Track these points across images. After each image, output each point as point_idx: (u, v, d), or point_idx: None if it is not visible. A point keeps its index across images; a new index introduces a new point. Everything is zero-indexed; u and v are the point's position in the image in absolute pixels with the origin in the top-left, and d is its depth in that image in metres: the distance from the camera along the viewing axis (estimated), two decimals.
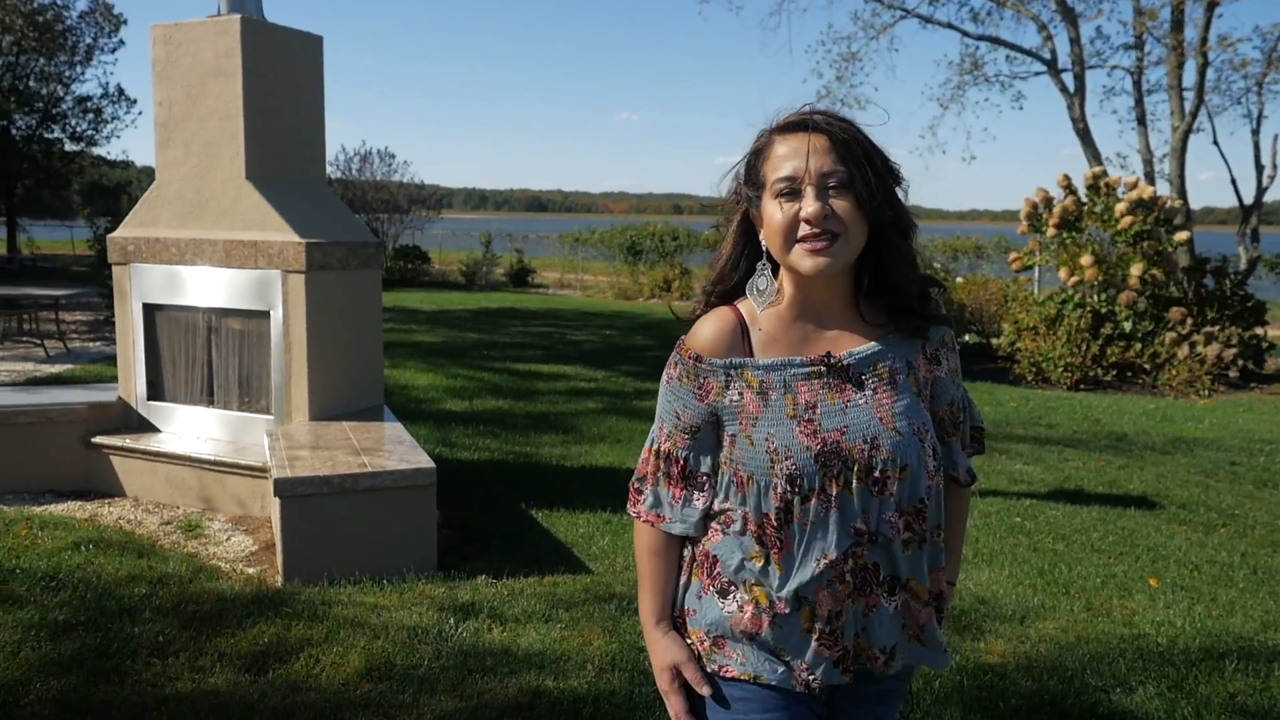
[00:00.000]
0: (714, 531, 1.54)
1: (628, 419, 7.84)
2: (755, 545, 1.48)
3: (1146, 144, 13.43)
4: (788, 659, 1.49)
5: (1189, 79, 12.88)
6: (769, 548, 1.46)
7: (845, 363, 1.46)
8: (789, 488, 1.42)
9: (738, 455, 1.48)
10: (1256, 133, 14.09)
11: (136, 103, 28.46)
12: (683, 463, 1.54)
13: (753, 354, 1.49)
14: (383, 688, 3.18)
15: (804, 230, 1.40)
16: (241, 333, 5.27)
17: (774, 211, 1.42)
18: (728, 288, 1.55)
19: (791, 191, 1.41)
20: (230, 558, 4.51)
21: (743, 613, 1.50)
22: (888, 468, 1.43)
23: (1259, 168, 13.92)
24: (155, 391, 5.54)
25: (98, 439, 5.39)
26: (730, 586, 1.52)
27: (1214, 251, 12.42)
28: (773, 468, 1.43)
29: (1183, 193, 12.56)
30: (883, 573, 1.48)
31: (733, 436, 1.49)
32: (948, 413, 1.57)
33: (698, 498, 1.54)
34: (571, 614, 3.83)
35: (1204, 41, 12.43)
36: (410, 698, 3.12)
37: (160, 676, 3.23)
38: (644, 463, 1.60)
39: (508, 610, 3.85)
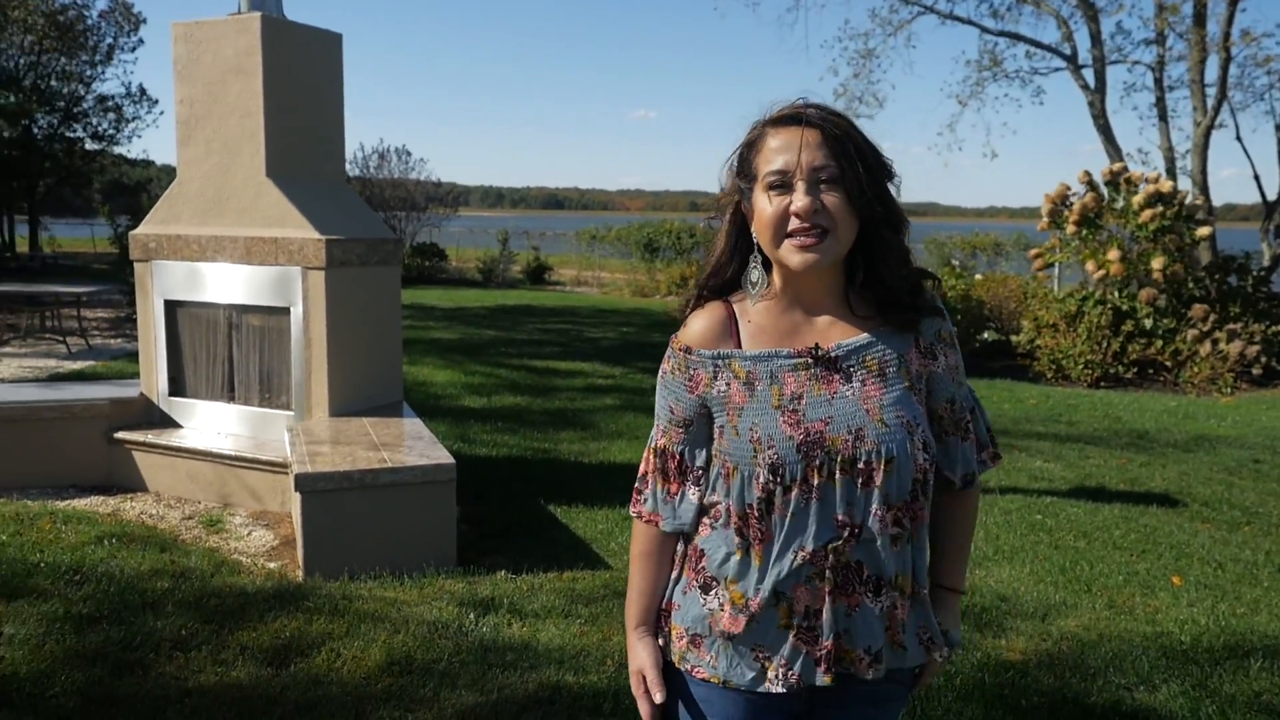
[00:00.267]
0: (704, 526, 1.54)
1: (645, 415, 7.84)
2: (737, 538, 1.47)
3: (1168, 140, 13.31)
4: (766, 657, 1.48)
5: (1211, 74, 12.75)
6: (750, 540, 1.46)
7: (833, 354, 1.46)
8: (771, 477, 1.42)
9: (725, 446, 1.48)
10: None
11: (158, 103, 28.69)
12: (678, 457, 1.54)
13: (741, 346, 1.49)
14: (403, 682, 3.19)
15: (794, 225, 1.40)
16: (262, 329, 5.30)
17: (764, 205, 1.42)
18: (721, 281, 1.54)
19: (782, 185, 1.41)
20: (251, 552, 4.54)
21: (722, 611, 1.50)
22: (872, 459, 1.41)
23: None
24: (176, 387, 5.58)
25: (120, 434, 5.44)
26: (713, 582, 1.52)
27: (1236, 248, 12.29)
28: (756, 457, 1.43)
29: (1205, 189, 12.44)
30: (867, 571, 1.45)
31: (721, 428, 1.49)
32: (947, 410, 1.53)
33: (693, 492, 1.54)
34: (591, 610, 3.83)
35: (1226, 36, 12.29)
36: (431, 692, 3.13)
37: (183, 670, 3.25)
38: (645, 462, 1.61)
39: (527, 606, 3.86)
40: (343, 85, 5.48)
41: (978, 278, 13.53)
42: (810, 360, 1.46)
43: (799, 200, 1.39)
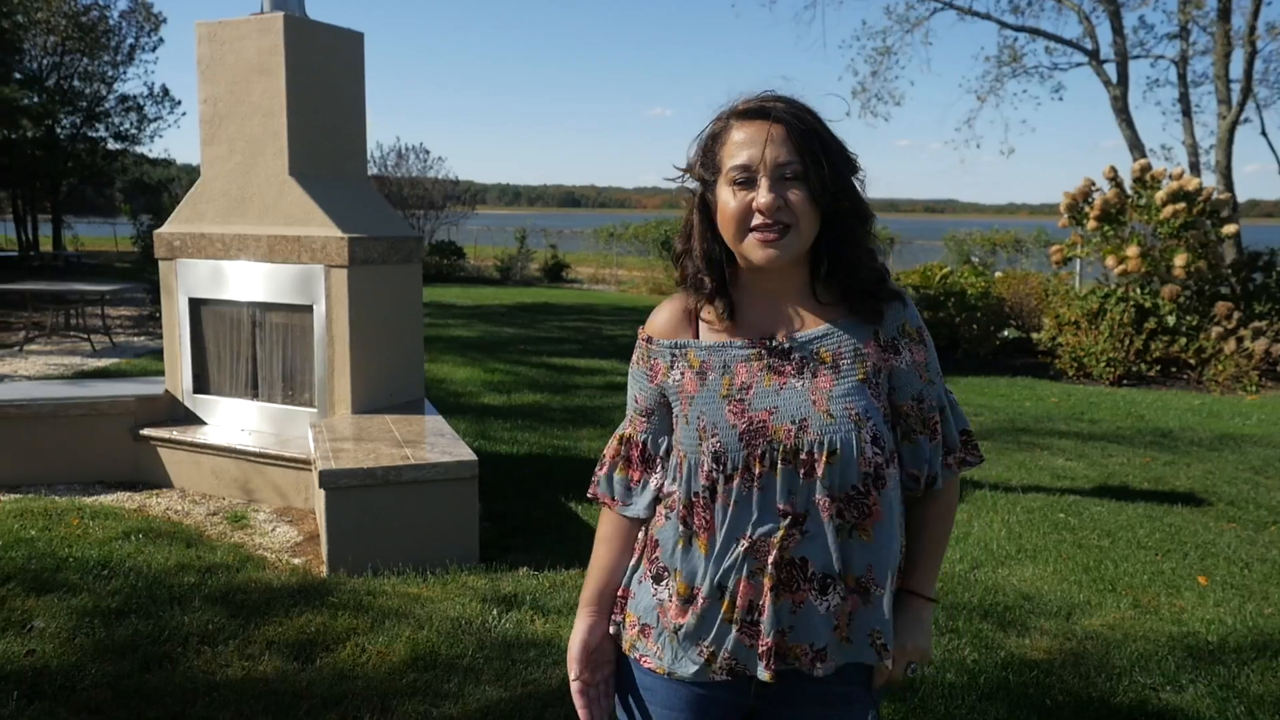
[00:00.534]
0: (659, 515, 1.56)
1: None
2: (682, 526, 1.48)
3: (1192, 135, 13.18)
4: (711, 651, 1.48)
5: (1236, 69, 12.61)
6: (695, 529, 1.47)
7: (786, 346, 1.46)
8: (714, 465, 1.43)
9: (678, 435, 1.51)
10: None
11: (180, 103, 28.91)
12: (641, 446, 1.57)
13: (699, 336, 1.52)
14: (428, 677, 3.21)
15: (757, 220, 1.41)
16: (285, 327, 5.34)
17: (728, 199, 1.43)
18: (710, 274, 1.52)
19: (746, 180, 1.41)
20: (275, 548, 4.58)
21: (671, 602, 1.51)
22: (814, 450, 1.40)
23: None
24: (201, 385, 5.63)
25: (145, 431, 5.50)
26: (665, 572, 1.53)
27: (1261, 244, 12.16)
28: (701, 445, 1.45)
29: (1229, 184, 12.30)
30: (811, 568, 1.43)
31: (676, 417, 1.52)
32: (913, 408, 1.51)
33: (653, 480, 1.56)
34: None
35: (1252, 30, 12.16)
36: (455, 687, 3.15)
37: (210, 663, 3.29)
38: (608, 448, 1.63)
39: (550, 602, 3.88)
40: (364, 84, 5.51)
41: (998, 275, 13.44)
42: (763, 351, 1.47)
43: (762, 196, 1.40)
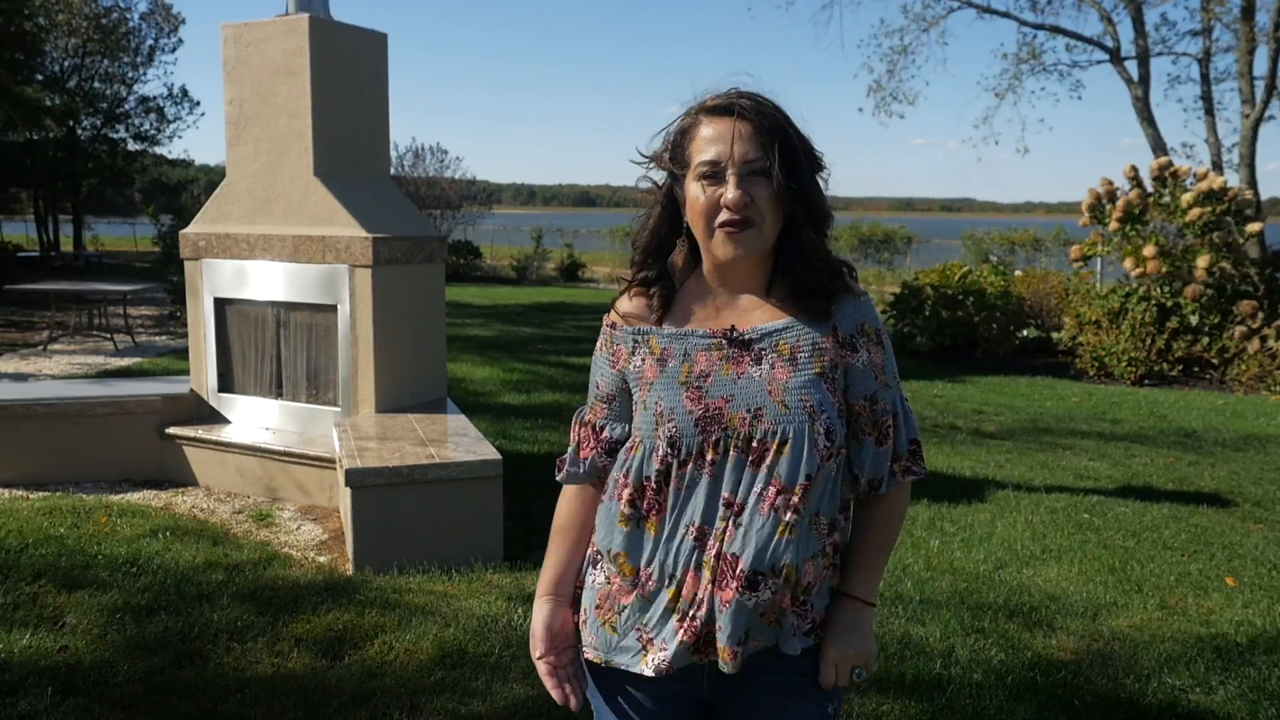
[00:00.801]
0: (602, 499, 1.59)
1: None
2: (629, 510, 1.50)
3: (1214, 133, 13.06)
4: (649, 638, 1.50)
5: (1260, 66, 12.49)
6: (644, 512, 1.49)
7: (747, 337, 1.49)
8: (669, 450, 1.46)
9: (636, 421, 1.54)
10: None
11: (199, 103, 29.13)
12: (599, 430, 1.60)
13: (661, 324, 1.54)
14: (456, 675, 3.23)
15: (724, 216, 1.43)
16: (309, 326, 5.38)
17: (697, 194, 1.45)
18: (654, 266, 1.56)
19: (714, 175, 1.43)
20: (301, 546, 4.61)
21: (610, 584, 1.53)
22: (767, 439, 1.43)
23: None
24: (225, 384, 5.68)
25: (171, 430, 5.54)
26: (599, 556, 1.56)
27: None
28: (657, 430, 1.48)
29: (1253, 183, 12.19)
30: (741, 565, 1.43)
31: (636, 404, 1.55)
32: (865, 408, 1.52)
33: (601, 458, 1.59)
34: None
35: (1276, 27, 12.02)
36: (483, 685, 3.17)
37: (240, 660, 3.32)
38: (572, 431, 1.66)
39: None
40: (388, 84, 5.54)
41: (1017, 274, 13.37)
42: (724, 341, 1.49)
43: (730, 192, 1.42)
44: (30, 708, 2.94)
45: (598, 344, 1.62)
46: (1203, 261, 10.17)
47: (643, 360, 1.53)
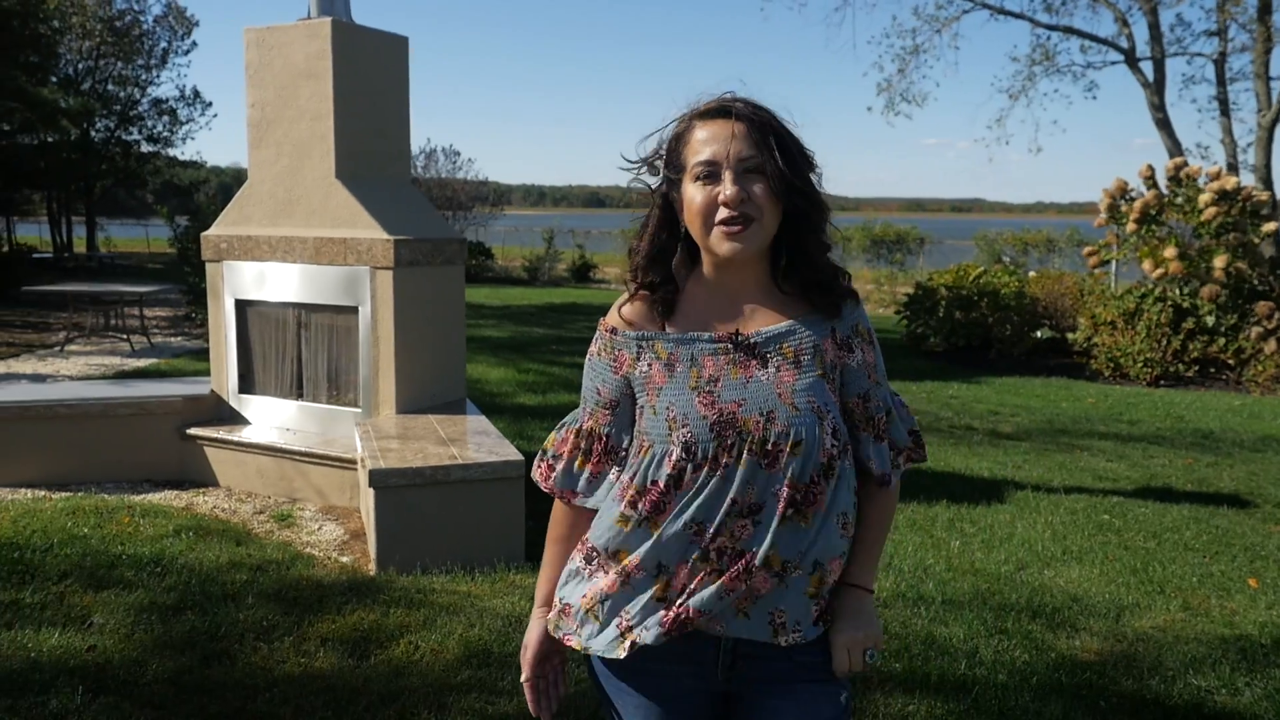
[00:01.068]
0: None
1: None
2: (629, 510, 1.50)
3: (1230, 133, 13.02)
4: (628, 626, 1.51)
5: (1276, 67, 12.45)
6: (642, 513, 1.49)
7: (752, 340, 1.51)
8: (684, 455, 1.46)
9: (643, 425, 1.53)
10: None
11: (211, 105, 29.27)
12: (604, 439, 1.59)
13: (664, 329, 1.55)
14: (482, 674, 3.25)
15: (722, 214, 1.45)
16: (330, 328, 5.41)
17: (694, 194, 1.47)
18: (655, 271, 1.56)
19: (710, 175, 1.46)
20: (323, 546, 4.64)
21: (600, 581, 1.54)
22: (781, 441, 1.45)
23: None
24: (246, 384, 5.71)
25: (192, 430, 5.58)
26: (594, 553, 1.56)
27: None
28: (670, 435, 1.48)
29: (1268, 183, 12.15)
30: (754, 561, 1.46)
31: (641, 408, 1.54)
32: (859, 405, 1.56)
33: (614, 473, 1.58)
34: None
35: None
36: (510, 684, 3.18)
37: (268, 659, 3.34)
38: (562, 442, 1.64)
39: None
40: (408, 87, 5.56)
41: (1031, 275, 13.34)
42: (730, 345, 1.51)
43: (727, 190, 1.44)
44: (62, 706, 2.97)
45: (592, 349, 1.62)
46: (1220, 261, 10.14)
47: (649, 365, 1.54)
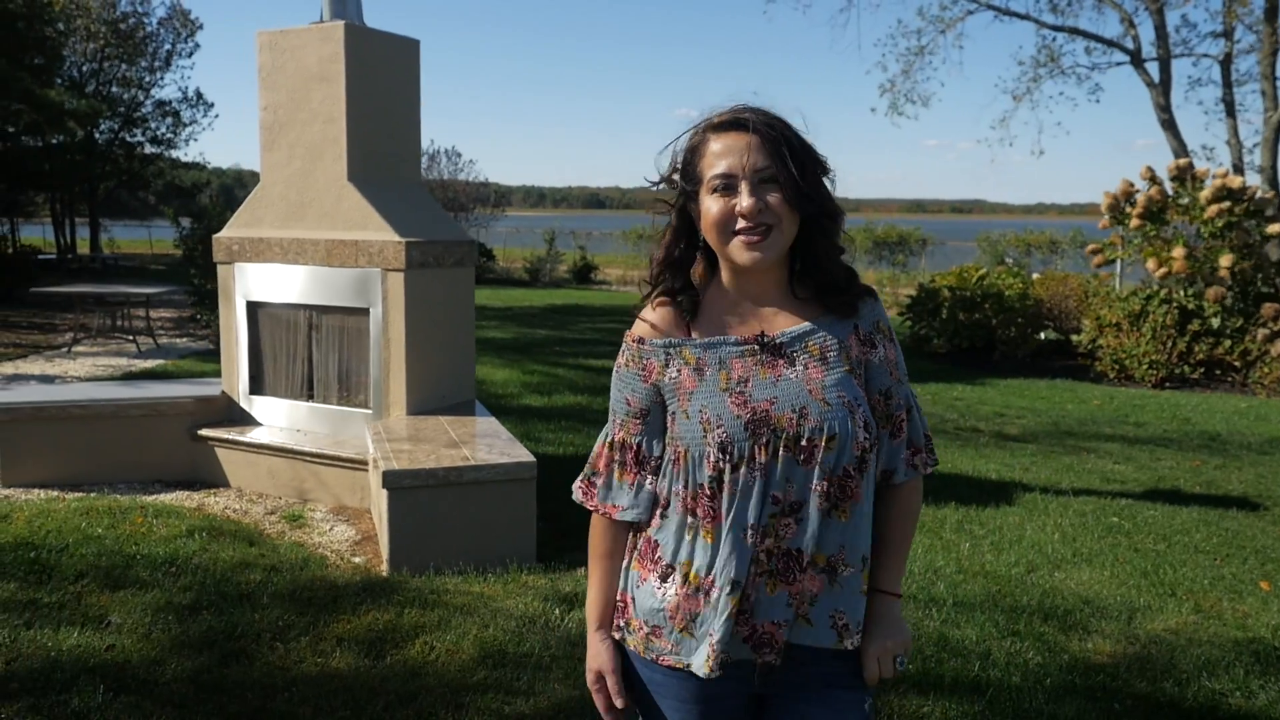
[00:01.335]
0: (655, 517, 1.60)
1: None
2: (690, 517, 1.53)
3: (1236, 134, 13.02)
4: (713, 641, 1.52)
5: None
6: (701, 519, 1.52)
7: (778, 341, 1.54)
8: (721, 455, 1.49)
9: (677, 432, 1.55)
10: None
11: (214, 106, 29.30)
12: (636, 448, 1.61)
13: (690, 335, 1.58)
14: (498, 674, 3.26)
15: (740, 224, 1.49)
16: (341, 329, 5.42)
17: (711, 205, 1.50)
18: (675, 279, 1.60)
19: (727, 187, 1.49)
20: (335, 547, 4.65)
21: (678, 596, 1.55)
22: (815, 436, 1.48)
23: None
24: (257, 386, 5.73)
25: (204, 431, 5.60)
26: (669, 570, 1.57)
27: None
28: (706, 437, 1.50)
29: (1274, 184, 12.15)
30: (805, 557, 1.50)
31: (673, 414, 1.56)
32: (880, 403, 1.58)
33: (650, 481, 1.60)
34: None
35: None
36: (526, 684, 3.20)
37: (285, 659, 3.36)
38: (598, 457, 1.66)
39: None
40: (419, 90, 5.58)
41: (1035, 276, 13.34)
42: (756, 347, 1.54)
43: (744, 201, 1.48)
44: (83, 705, 2.98)
45: (619, 361, 1.63)
46: (1225, 260, 10.13)
47: (678, 371, 1.56)
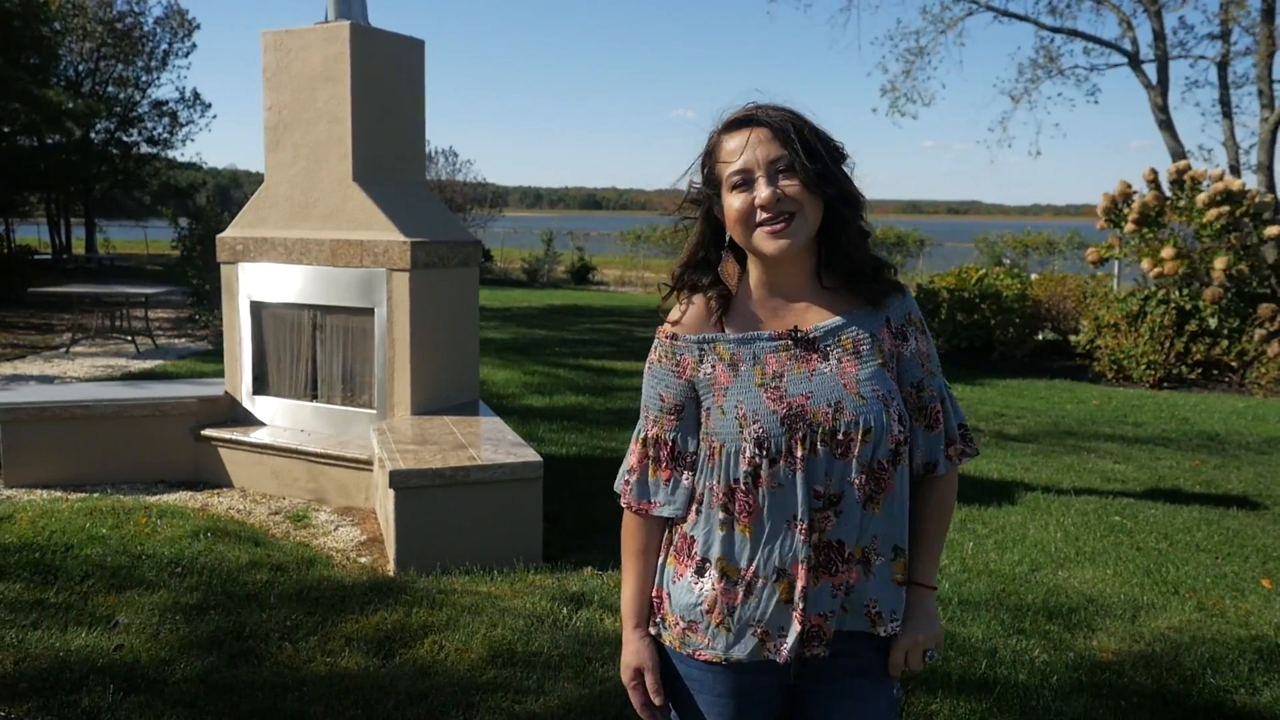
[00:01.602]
0: (691, 512, 1.61)
1: None
2: (722, 514, 1.54)
3: (1232, 136, 13.07)
4: (764, 631, 1.54)
5: (1279, 69, 12.51)
6: (738, 515, 1.53)
7: (811, 335, 1.55)
8: (757, 450, 1.49)
9: (711, 427, 1.56)
10: None
11: (211, 106, 29.25)
12: (670, 444, 1.61)
13: (724, 331, 1.58)
14: (508, 673, 3.27)
15: (761, 216, 1.50)
16: (345, 329, 5.43)
17: (732, 202, 1.52)
18: (702, 275, 1.62)
19: (745, 182, 1.51)
20: (340, 547, 4.66)
21: (715, 590, 1.56)
22: (851, 430, 1.49)
23: None
24: (260, 386, 5.73)
25: (207, 431, 5.60)
26: (705, 564, 1.58)
27: None
28: (742, 433, 1.51)
29: (1271, 185, 12.20)
30: (848, 549, 1.52)
31: (708, 410, 1.57)
32: (912, 395, 1.59)
33: (685, 477, 1.61)
34: None
35: None
36: (535, 683, 3.21)
37: (294, 659, 3.36)
38: (632, 455, 1.67)
39: (618, 602, 3.89)
40: (424, 90, 5.59)
41: (1034, 277, 13.38)
42: (790, 341, 1.55)
43: (762, 192, 1.49)
44: (93, 704, 2.99)
45: (652, 357, 1.64)
46: (1220, 263, 10.18)
47: (713, 367, 1.57)
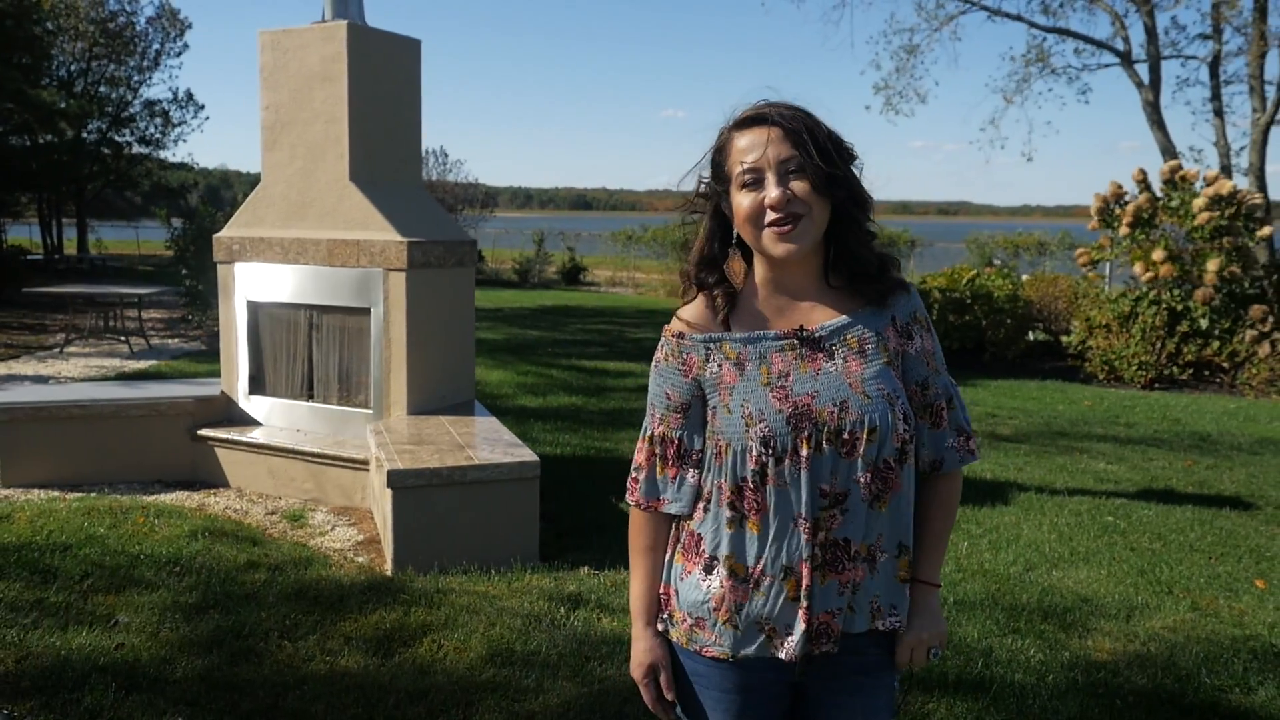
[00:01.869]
0: (698, 510, 1.62)
1: None
2: (730, 512, 1.55)
3: (1224, 136, 13.15)
4: (771, 628, 1.55)
5: (1271, 70, 12.61)
6: (746, 513, 1.54)
7: (817, 335, 1.56)
8: (763, 449, 1.51)
9: (718, 425, 1.57)
10: None
11: (204, 107, 29.17)
12: (677, 442, 1.62)
13: (730, 330, 1.60)
14: (506, 673, 3.28)
15: (770, 216, 1.51)
16: (341, 329, 5.43)
17: (741, 200, 1.53)
18: (711, 273, 1.63)
19: (755, 181, 1.52)
20: (337, 547, 4.66)
21: (723, 588, 1.57)
22: (856, 429, 1.50)
23: None
24: (256, 386, 5.72)
25: (204, 431, 5.59)
26: (713, 561, 1.59)
27: None
28: (748, 431, 1.52)
29: (1262, 186, 12.28)
30: (854, 546, 1.53)
31: (714, 409, 1.58)
32: (917, 394, 1.60)
33: (691, 474, 1.62)
34: None
35: None
36: (534, 682, 3.22)
37: (294, 658, 3.36)
38: (639, 453, 1.68)
39: (614, 601, 3.94)
40: (420, 90, 5.59)
41: (1025, 278, 13.43)
42: (796, 341, 1.56)
43: (772, 192, 1.50)
44: (95, 703, 2.99)
45: (658, 356, 1.65)
46: (1213, 265, 10.24)
47: (719, 366, 1.58)
